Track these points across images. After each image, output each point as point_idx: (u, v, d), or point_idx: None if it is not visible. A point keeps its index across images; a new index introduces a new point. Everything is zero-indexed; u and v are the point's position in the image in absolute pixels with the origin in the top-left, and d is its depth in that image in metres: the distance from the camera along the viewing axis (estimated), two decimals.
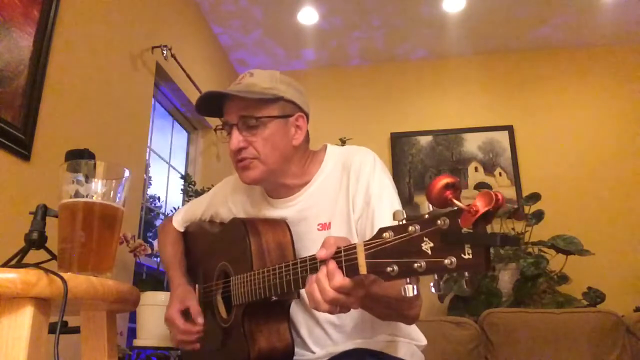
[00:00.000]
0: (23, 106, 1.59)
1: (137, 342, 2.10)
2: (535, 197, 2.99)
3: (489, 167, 3.53)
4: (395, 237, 0.66)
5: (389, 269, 0.66)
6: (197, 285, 1.31)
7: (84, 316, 0.85)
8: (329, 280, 0.76)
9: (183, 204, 3.14)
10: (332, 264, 0.76)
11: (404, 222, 0.67)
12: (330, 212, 1.12)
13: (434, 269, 0.62)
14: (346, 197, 1.11)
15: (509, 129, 3.56)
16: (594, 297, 2.74)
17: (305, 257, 0.85)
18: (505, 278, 2.82)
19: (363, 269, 0.71)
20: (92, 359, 0.82)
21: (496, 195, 0.56)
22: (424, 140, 3.64)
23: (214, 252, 1.23)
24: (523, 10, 3.28)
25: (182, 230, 1.42)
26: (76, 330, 0.85)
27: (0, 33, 1.51)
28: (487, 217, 0.57)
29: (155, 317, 2.11)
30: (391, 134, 3.65)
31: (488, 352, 2.37)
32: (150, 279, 2.51)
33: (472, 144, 3.59)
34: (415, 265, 0.63)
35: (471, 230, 0.58)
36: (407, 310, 0.99)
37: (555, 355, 2.27)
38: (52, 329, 0.69)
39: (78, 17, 1.93)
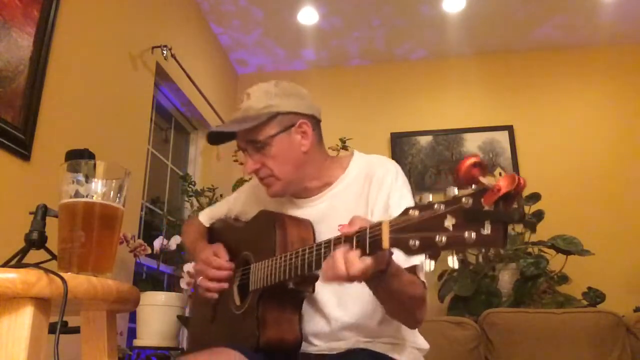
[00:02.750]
0: (23, 106, 1.59)
1: (137, 342, 2.11)
2: (535, 197, 2.99)
3: (489, 167, 3.52)
4: (420, 215, 0.69)
5: (411, 242, 0.69)
6: None
7: (84, 316, 0.85)
8: (352, 255, 0.78)
9: (183, 205, 3.14)
10: (353, 253, 0.79)
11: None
12: (349, 217, 1.13)
13: (454, 243, 0.64)
14: (365, 204, 1.14)
15: (509, 129, 3.55)
16: (594, 297, 2.74)
17: (330, 238, 0.88)
18: (505, 278, 2.82)
19: (386, 244, 0.73)
20: (92, 359, 0.82)
21: (519, 178, 0.60)
22: (424, 140, 3.64)
23: (238, 244, 1.26)
24: (523, 10, 3.28)
25: (207, 225, 1.46)
26: (76, 330, 0.85)
27: (0, 33, 1.51)
28: (508, 197, 0.60)
29: (155, 317, 2.12)
30: (391, 134, 3.65)
31: (488, 352, 2.37)
32: (150, 279, 2.51)
33: (472, 144, 3.59)
34: (437, 238, 0.65)
35: (492, 208, 0.61)
36: (417, 311, 1.02)
37: (555, 355, 2.27)
38: (52, 329, 0.69)
39: (78, 17, 1.93)
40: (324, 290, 1.14)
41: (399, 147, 3.62)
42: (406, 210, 0.72)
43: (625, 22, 3.39)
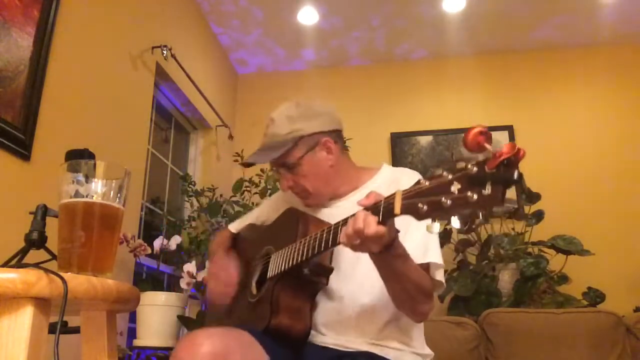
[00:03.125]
0: (23, 106, 1.59)
1: (137, 342, 2.11)
2: (535, 197, 2.99)
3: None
4: (430, 183, 0.76)
5: (419, 205, 0.75)
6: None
7: (84, 316, 0.85)
8: (368, 222, 0.86)
9: (183, 204, 3.14)
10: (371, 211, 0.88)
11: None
12: None
13: (458, 203, 0.69)
14: None
15: (509, 129, 3.55)
16: (594, 297, 2.74)
17: (345, 217, 0.95)
18: (505, 278, 2.82)
19: (397, 209, 0.81)
20: (92, 359, 0.82)
21: (519, 148, 0.67)
22: (424, 140, 3.64)
23: (261, 242, 1.32)
24: (523, 10, 3.28)
25: (234, 231, 1.52)
26: (76, 330, 0.86)
27: (0, 33, 1.51)
28: (509, 163, 0.66)
29: (155, 317, 2.12)
30: (391, 134, 3.65)
31: (488, 352, 2.37)
32: (150, 279, 2.51)
33: None
34: (442, 200, 0.71)
35: (494, 171, 0.67)
36: (421, 301, 1.07)
37: (555, 355, 2.27)
38: (52, 329, 0.69)
39: (78, 17, 1.93)
40: (338, 283, 1.18)
41: (399, 147, 3.62)
42: (418, 181, 0.79)
43: (625, 22, 3.39)
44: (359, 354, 1.11)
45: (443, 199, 0.71)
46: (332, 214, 1.25)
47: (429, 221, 0.75)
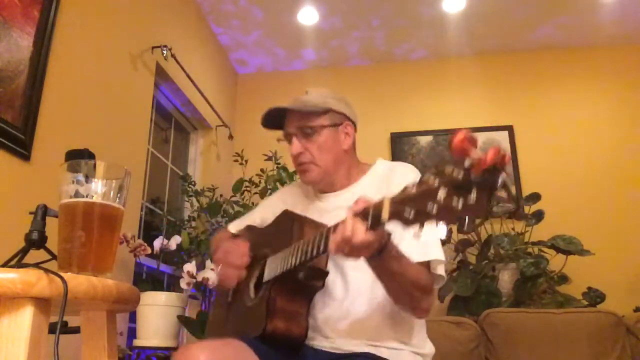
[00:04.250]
0: (23, 106, 1.59)
1: (137, 342, 2.11)
2: (535, 197, 2.99)
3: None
4: (417, 189, 0.75)
5: (406, 213, 0.75)
6: None
7: (84, 316, 0.85)
8: (356, 230, 0.86)
9: (183, 204, 3.14)
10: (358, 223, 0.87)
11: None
12: None
13: (443, 211, 0.69)
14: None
15: (509, 129, 3.55)
16: (594, 297, 2.74)
17: (337, 222, 0.94)
18: (505, 278, 2.82)
19: (385, 215, 0.80)
20: (92, 359, 0.82)
21: (504, 152, 0.66)
22: (424, 140, 3.64)
23: (259, 245, 1.32)
24: (523, 10, 3.28)
25: (234, 232, 1.53)
26: (76, 330, 0.85)
27: (0, 33, 1.51)
28: (493, 169, 0.65)
29: (155, 317, 2.12)
30: (391, 134, 3.65)
31: (488, 352, 2.37)
32: (150, 279, 2.51)
33: None
34: (428, 207, 0.71)
35: (479, 178, 0.66)
36: (421, 298, 1.08)
37: (555, 355, 2.27)
38: (52, 329, 0.69)
39: (78, 17, 1.93)
40: (335, 285, 1.18)
41: (399, 147, 3.62)
42: (405, 187, 0.78)
43: (626, 22, 3.39)
44: (356, 355, 1.10)
45: (429, 206, 0.71)
46: (326, 205, 1.31)
47: (416, 227, 0.75)
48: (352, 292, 1.17)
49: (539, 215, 2.92)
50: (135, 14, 2.40)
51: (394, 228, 0.92)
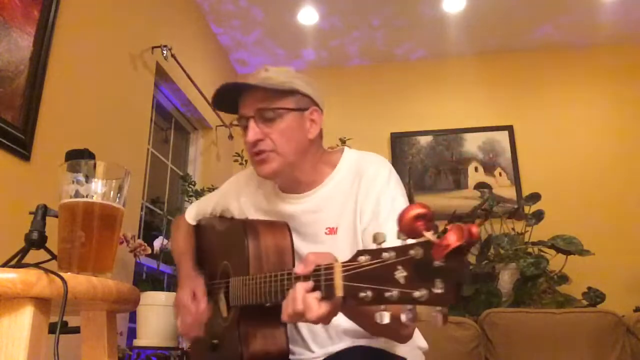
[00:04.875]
0: (23, 106, 1.59)
1: (137, 342, 2.10)
2: (535, 197, 2.99)
3: (489, 167, 3.53)
4: (371, 262, 0.66)
5: (362, 294, 0.66)
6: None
7: (84, 316, 0.85)
8: (308, 309, 0.75)
9: (183, 204, 3.14)
10: (309, 285, 0.77)
11: (382, 246, 0.66)
12: (338, 217, 1.12)
13: (404, 300, 0.61)
14: (354, 205, 1.10)
15: (509, 129, 3.56)
16: (594, 297, 2.74)
17: (291, 269, 0.86)
18: (505, 278, 2.82)
19: (339, 291, 0.71)
20: (92, 359, 0.82)
21: (469, 229, 0.56)
22: (424, 140, 3.64)
23: (218, 250, 1.24)
24: (523, 10, 3.28)
25: (194, 223, 1.42)
26: (76, 330, 0.85)
27: (0, 33, 1.51)
28: (459, 251, 0.56)
29: (155, 317, 2.11)
30: (391, 134, 3.65)
31: (488, 352, 2.37)
32: (150, 279, 2.51)
33: (472, 144, 3.59)
34: (387, 294, 0.62)
35: (443, 264, 0.57)
36: (399, 332, 0.98)
37: (555, 355, 2.27)
38: (52, 329, 0.69)
39: (78, 17, 1.93)
40: None
41: (399, 147, 3.62)
42: (357, 254, 0.69)
43: (626, 22, 3.39)
44: (350, 349, 1.07)
45: (387, 293, 0.62)
46: (291, 211, 1.16)
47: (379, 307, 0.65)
48: None
49: (539, 215, 2.92)
50: (135, 14, 2.40)
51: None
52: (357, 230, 1.09)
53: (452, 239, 0.55)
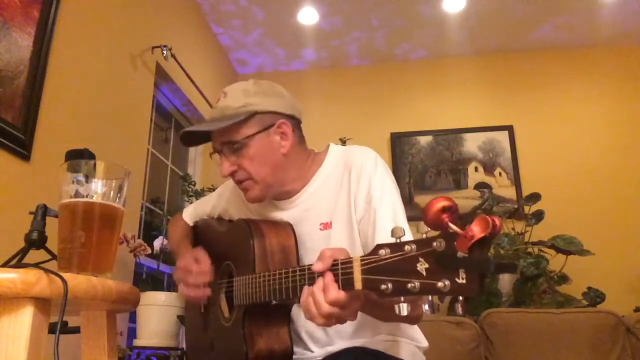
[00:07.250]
0: (23, 106, 1.59)
1: (137, 342, 2.11)
2: (535, 197, 2.99)
3: (489, 167, 3.53)
4: (392, 255, 0.66)
5: (383, 286, 0.66)
6: None
7: (84, 316, 0.85)
8: (324, 294, 0.75)
9: (183, 204, 3.14)
10: (329, 277, 0.76)
11: (402, 239, 0.67)
12: (331, 211, 1.12)
13: (427, 291, 0.62)
14: (347, 196, 1.11)
15: (509, 129, 3.56)
16: (594, 297, 2.74)
17: (305, 265, 0.86)
18: (505, 278, 2.82)
19: (358, 284, 0.71)
20: (92, 359, 0.82)
21: (493, 220, 0.56)
22: (424, 140, 3.64)
23: (219, 250, 1.24)
24: (523, 10, 3.28)
25: (191, 224, 1.43)
26: (76, 330, 0.85)
27: (0, 33, 1.51)
28: (483, 242, 0.57)
29: (155, 317, 2.11)
30: (391, 134, 3.65)
31: (488, 352, 2.36)
32: (150, 279, 2.51)
33: (472, 144, 3.59)
34: (409, 285, 0.63)
35: (467, 255, 0.58)
36: (410, 317, 0.99)
37: (555, 355, 2.27)
38: (52, 329, 0.69)
39: (78, 17, 1.93)
40: None
41: (399, 147, 3.62)
42: (377, 248, 0.69)
43: (626, 22, 3.39)
44: (349, 350, 1.07)
45: (410, 284, 0.62)
46: (287, 216, 1.16)
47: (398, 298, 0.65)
48: None
49: (539, 215, 2.92)
50: (135, 14, 2.40)
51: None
52: (353, 222, 1.09)
53: (477, 230, 0.56)
